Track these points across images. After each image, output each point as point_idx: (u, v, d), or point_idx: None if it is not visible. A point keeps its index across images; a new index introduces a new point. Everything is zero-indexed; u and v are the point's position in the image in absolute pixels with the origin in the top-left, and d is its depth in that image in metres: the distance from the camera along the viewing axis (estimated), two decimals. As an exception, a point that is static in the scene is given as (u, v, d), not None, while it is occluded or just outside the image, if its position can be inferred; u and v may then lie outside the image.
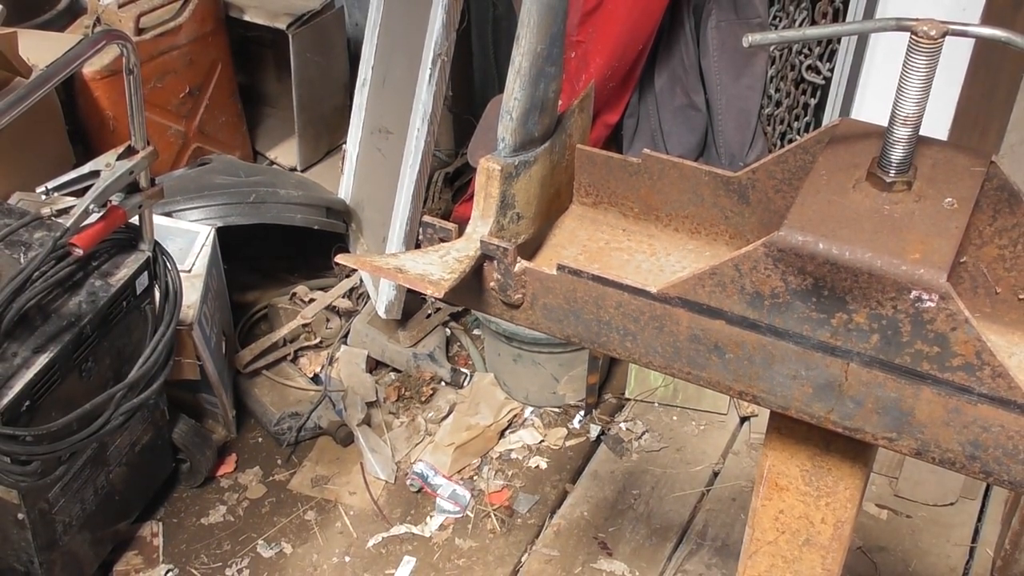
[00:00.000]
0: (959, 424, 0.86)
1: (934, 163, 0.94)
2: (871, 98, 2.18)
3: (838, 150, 0.96)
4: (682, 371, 0.96)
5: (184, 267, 2.14)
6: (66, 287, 1.79)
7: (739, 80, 2.42)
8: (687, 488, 2.33)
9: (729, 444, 2.43)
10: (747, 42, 0.92)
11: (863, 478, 1.02)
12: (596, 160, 1.11)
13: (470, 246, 0.98)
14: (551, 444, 2.43)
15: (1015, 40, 0.85)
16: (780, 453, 1.03)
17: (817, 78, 2.34)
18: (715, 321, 0.92)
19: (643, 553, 2.19)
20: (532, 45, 0.94)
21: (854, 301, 0.85)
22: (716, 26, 2.38)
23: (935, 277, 0.82)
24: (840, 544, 1.07)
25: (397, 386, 2.53)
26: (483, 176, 0.99)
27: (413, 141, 2.31)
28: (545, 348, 2.40)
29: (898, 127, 0.90)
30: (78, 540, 1.96)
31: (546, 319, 1.00)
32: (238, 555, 2.16)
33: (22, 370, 1.67)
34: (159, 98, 2.78)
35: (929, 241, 0.85)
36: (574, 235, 1.13)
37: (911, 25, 0.87)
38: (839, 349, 0.88)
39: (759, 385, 0.93)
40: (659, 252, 1.11)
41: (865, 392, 0.89)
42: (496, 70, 2.98)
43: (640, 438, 2.44)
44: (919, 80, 0.88)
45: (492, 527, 2.25)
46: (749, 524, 1.10)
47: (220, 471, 2.34)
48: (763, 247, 0.86)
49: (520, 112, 0.98)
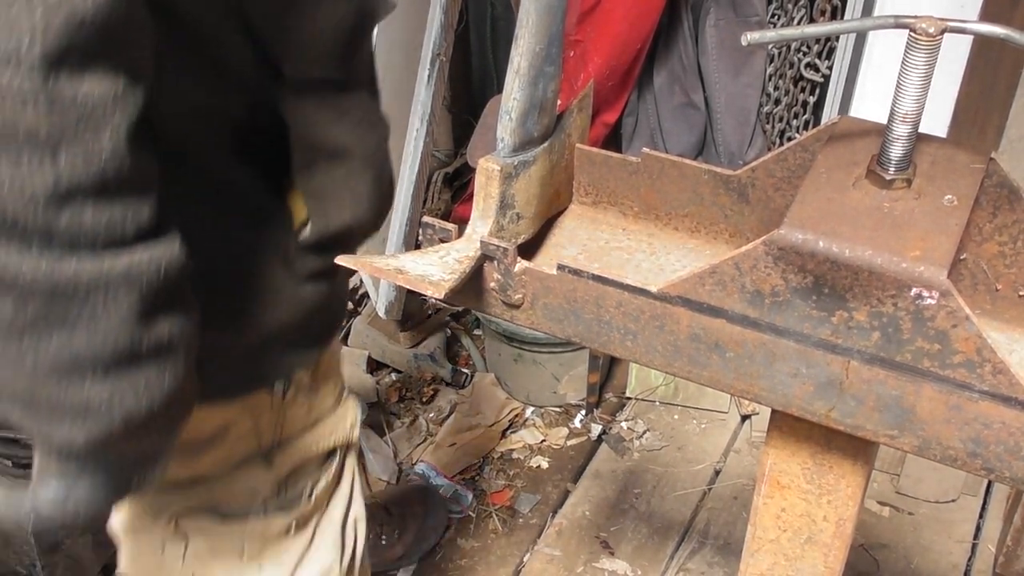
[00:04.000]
0: (960, 421, 0.86)
1: (933, 160, 0.94)
2: (870, 95, 2.18)
3: (837, 148, 0.96)
4: (683, 370, 0.96)
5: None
6: (66, 290, 1.79)
7: (738, 78, 2.42)
8: (688, 487, 2.33)
9: (730, 442, 2.43)
10: (746, 40, 0.92)
11: (865, 476, 1.02)
12: (595, 159, 1.11)
13: (470, 246, 0.98)
14: (552, 443, 2.43)
15: (1014, 37, 0.85)
16: (781, 451, 1.03)
17: (816, 76, 2.34)
18: (715, 320, 0.92)
19: (645, 552, 2.19)
20: (531, 45, 0.94)
21: (854, 299, 0.85)
22: (715, 24, 2.38)
23: (935, 274, 0.82)
24: (842, 542, 1.07)
25: (398, 386, 2.54)
26: (482, 176, 0.99)
27: (412, 141, 2.31)
28: (546, 348, 2.40)
29: (897, 124, 0.90)
30: (80, 543, 1.96)
31: (546, 319, 1.00)
32: (240, 557, 2.16)
33: (23, 373, 1.67)
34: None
35: (929, 238, 0.85)
36: (574, 235, 1.13)
37: (910, 22, 0.87)
38: (840, 347, 0.88)
39: (760, 383, 0.93)
40: (659, 251, 1.11)
41: (866, 390, 0.89)
42: (495, 70, 2.98)
43: (641, 437, 2.44)
44: (918, 77, 0.88)
45: (494, 527, 2.25)
46: (751, 522, 1.10)
47: (221, 473, 2.33)
48: (763, 245, 0.86)
49: (519, 112, 0.98)
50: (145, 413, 0.85)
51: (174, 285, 0.84)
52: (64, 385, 0.81)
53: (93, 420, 0.83)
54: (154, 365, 0.85)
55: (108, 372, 0.82)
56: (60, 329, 0.79)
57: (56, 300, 0.77)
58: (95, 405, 0.82)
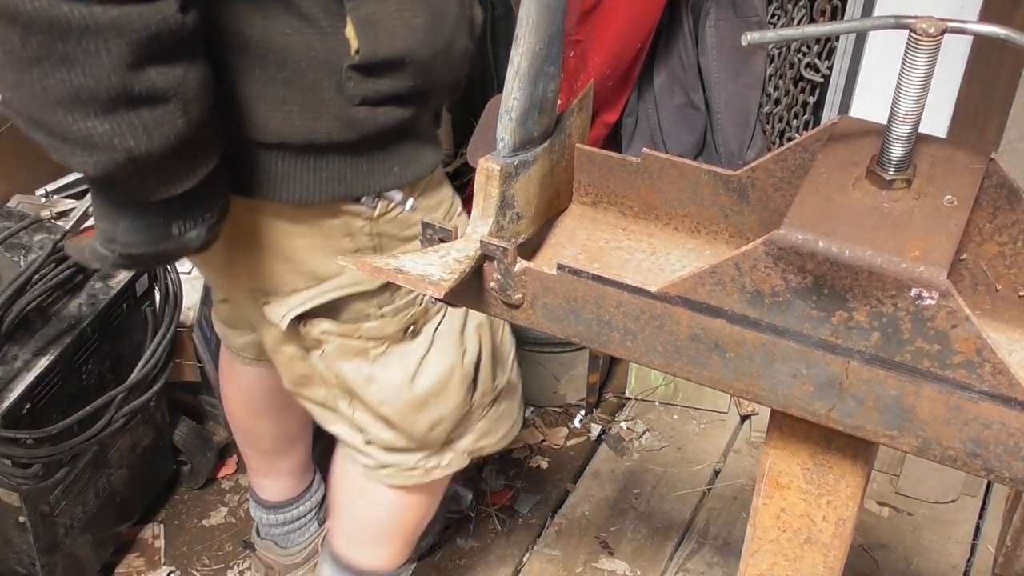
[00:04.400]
0: (960, 421, 0.86)
1: (933, 161, 0.94)
2: (870, 96, 2.18)
3: (837, 148, 0.96)
4: (683, 370, 0.96)
5: (184, 269, 2.14)
6: (66, 290, 1.79)
7: (738, 79, 2.42)
8: (688, 487, 2.33)
9: (730, 443, 2.43)
10: (746, 41, 0.92)
11: (864, 476, 1.02)
12: (595, 159, 1.11)
13: (470, 246, 0.98)
14: (552, 443, 2.43)
15: (1014, 37, 0.85)
16: (781, 451, 1.03)
17: (816, 76, 2.34)
18: (715, 320, 0.92)
19: (645, 552, 2.19)
20: (531, 45, 0.94)
21: (854, 299, 0.85)
22: (715, 25, 2.38)
23: (935, 275, 0.82)
24: (841, 542, 1.07)
25: (398, 387, 2.53)
26: (482, 176, 0.99)
27: (412, 141, 2.30)
28: (546, 348, 2.40)
29: (897, 125, 0.90)
30: (80, 542, 1.96)
31: (546, 319, 1.00)
32: (239, 556, 2.16)
33: (23, 373, 1.67)
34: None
35: (929, 239, 0.85)
36: (574, 235, 1.13)
37: (910, 22, 0.87)
38: (840, 347, 0.88)
39: (760, 384, 0.93)
40: (659, 251, 1.11)
41: (866, 390, 0.89)
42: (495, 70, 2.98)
43: (641, 437, 2.44)
44: (918, 77, 0.88)
45: (493, 527, 2.25)
46: (750, 522, 1.10)
47: (221, 473, 2.34)
48: (763, 246, 0.86)
49: (519, 112, 0.98)
50: (145, 152, 1.03)
51: (166, 43, 0.99)
52: (69, 116, 0.99)
53: (100, 152, 1.02)
54: (148, 110, 1.01)
55: (106, 111, 0.99)
56: (61, 66, 0.96)
57: (54, 37, 0.94)
58: (98, 138, 1.01)
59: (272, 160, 1.24)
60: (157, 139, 1.03)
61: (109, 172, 1.04)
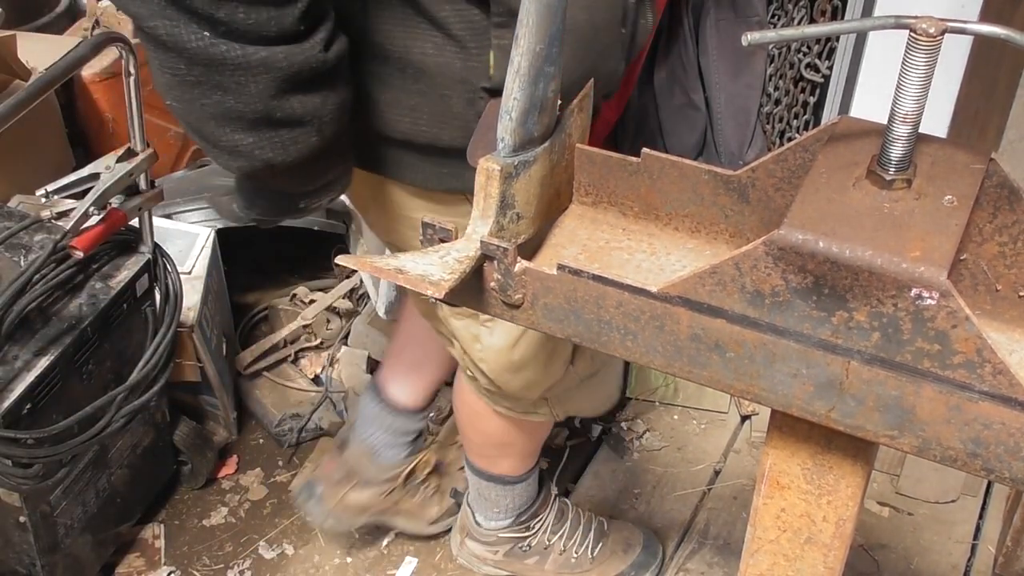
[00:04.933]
0: (960, 421, 0.86)
1: (934, 161, 0.94)
2: (870, 96, 2.18)
3: (838, 148, 0.96)
4: (683, 370, 0.96)
5: (184, 269, 2.14)
6: (66, 289, 1.79)
7: (738, 79, 2.42)
8: (688, 487, 2.33)
9: (730, 443, 2.43)
10: (746, 41, 0.92)
11: (864, 476, 1.02)
12: (595, 159, 1.11)
13: (470, 246, 0.98)
14: (552, 443, 2.43)
15: (1014, 37, 0.85)
16: (781, 451, 1.03)
17: (816, 76, 2.34)
18: (716, 320, 0.92)
19: (645, 552, 2.19)
20: (531, 45, 0.94)
21: (854, 299, 0.85)
22: (715, 25, 2.38)
23: (935, 275, 0.82)
24: (842, 542, 1.07)
25: (398, 387, 2.53)
26: (483, 176, 0.99)
27: (412, 141, 2.31)
28: (546, 348, 2.40)
29: (897, 125, 0.90)
30: (80, 542, 1.96)
31: (547, 319, 1.00)
32: (240, 556, 2.16)
33: (23, 373, 1.67)
34: (158, 100, 2.74)
35: (929, 239, 0.85)
36: (574, 235, 1.13)
37: (910, 23, 0.87)
38: (840, 347, 0.88)
39: (760, 384, 0.93)
40: (659, 251, 1.11)
41: (866, 390, 0.89)
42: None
43: (641, 437, 2.44)
44: (918, 78, 0.88)
45: (494, 527, 2.24)
46: (750, 523, 1.10)
47: (221, 473, 2.34)
48: (763, 246, 0.87)
49: (519, 112, 0.98)
50: (281, 162, 1.21)
51: (307, 77, 1.15)
52: (220, 129, 1.18)
53: (243, 159, 1.21)
54: (287, 130, 1.18)
55: (251, 128, 1.17)
56: (216, 91, 1.14)
57: (211, 69, 1.12)
58: (242, 148, 1.19)
59: (397, 151, 1.36)
60: (293, 153, 1.21)
61: (250, 174, 1.25)
